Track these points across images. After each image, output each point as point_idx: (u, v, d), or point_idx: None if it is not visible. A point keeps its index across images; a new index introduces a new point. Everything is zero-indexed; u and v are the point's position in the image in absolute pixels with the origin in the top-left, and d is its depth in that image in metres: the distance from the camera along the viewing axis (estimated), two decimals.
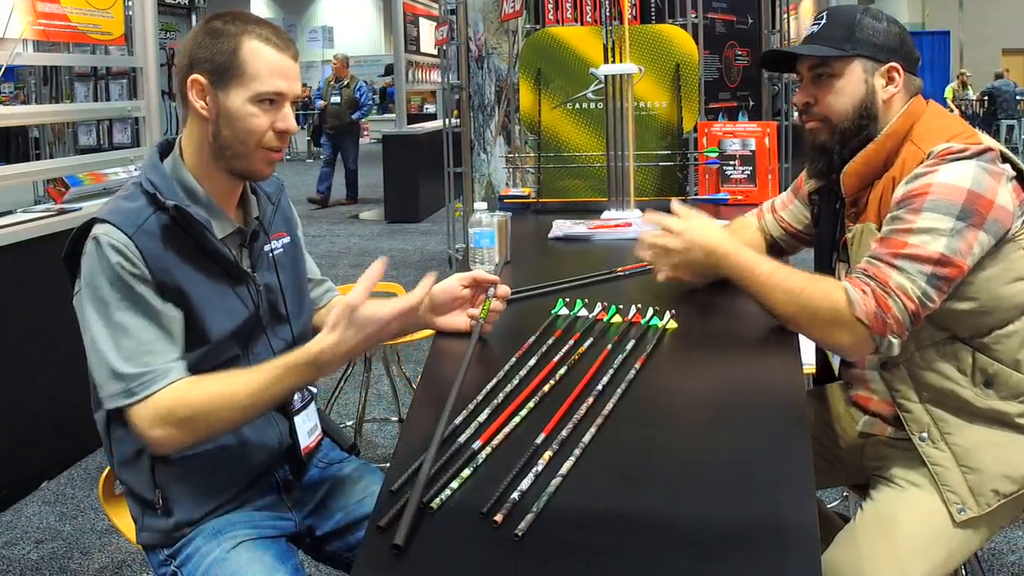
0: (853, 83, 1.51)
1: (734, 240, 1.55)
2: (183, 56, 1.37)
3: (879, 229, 1.46)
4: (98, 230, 1.31)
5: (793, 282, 1.45)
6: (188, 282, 1.34)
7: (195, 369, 1.36)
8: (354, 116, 9.79)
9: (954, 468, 1.45)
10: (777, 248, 1.83)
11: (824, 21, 1.55)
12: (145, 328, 1.30)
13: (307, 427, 1.53)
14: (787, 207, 1.80)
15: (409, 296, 1.27)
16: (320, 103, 9.92)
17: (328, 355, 1.25)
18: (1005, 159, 1.42)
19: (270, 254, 1.49)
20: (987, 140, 1.43)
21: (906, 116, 1.50)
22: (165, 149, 1.43)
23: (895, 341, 1.39)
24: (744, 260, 1.51)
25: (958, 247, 1.36)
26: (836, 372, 1.75)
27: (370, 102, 10.61)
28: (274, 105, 1.35)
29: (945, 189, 1.37)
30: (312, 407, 1.54)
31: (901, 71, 1.51)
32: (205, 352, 1.36)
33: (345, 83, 9.77)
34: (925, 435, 1.48)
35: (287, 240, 1.54)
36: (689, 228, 1.58)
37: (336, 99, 9.61)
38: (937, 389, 1.47)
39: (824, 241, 1.65)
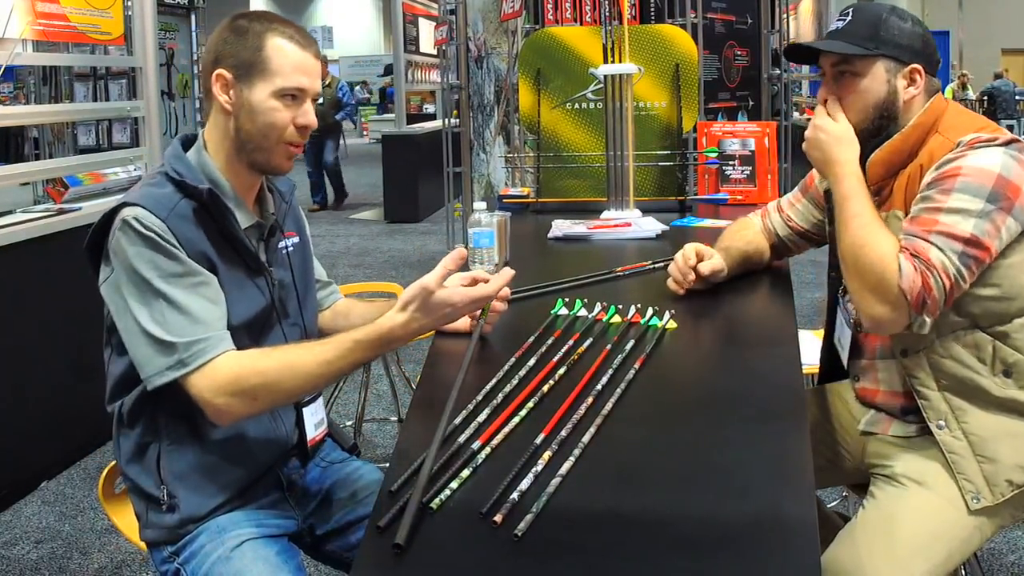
0: (875, 83, 1.51)
1: (857, 168, 1.51)
2: (209, 53, 1.41)
3: (906, 215, 1.47)
4: (129, 213, 1.32)
5: (863, 231, 1.44)
6: (216, 268, 1.37)
7: None
8: (337, 117, 9.48)
9: (970, 457, 1.46)
10: (783, 247, 1.83)
11: (850, 17, 1.54)
12: (190, 297, 1.31)
13: (314, 420, 1.54)
14: (795, 206, 1.80)
15: (485, 287, 1.31)
16: None
17: (398, 332, 1.29)
18: None
19: (284, 251, 1.51)
20: (1009, 134, 1.45)
21: (931, 110, 1.51)
22: (186, 143, 1.45)
23: (928, 320, 1.40)
24: (846, 188, 1.49)
25: (987, 229, 1.38)
26: (845, 364, 1.74)
27: (353, 101, 10.16)
28: (295, 101, 1.39)
29: (975, 172, 1.39)
30: (320, 401, 1.56)
31: (923, 73, 1.52)
32: None
33: (326, 83, 9.16)
34: (943, 423, 1.48)
35: (297, 240, 1.57)
36: (845, 127, 1.53)
37: (319, 100, 9.29)
38: (956, 377, 1.48)
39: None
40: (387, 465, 1.18)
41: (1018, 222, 1.40)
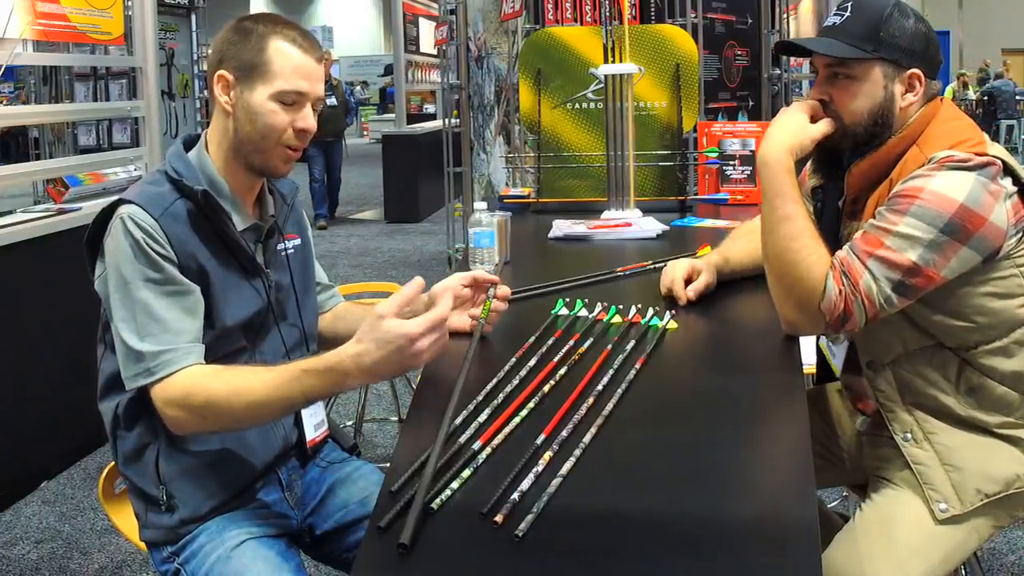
0: (871, 88, 1.43)
1: (789, 159, 1.45)
2: (213, 54, 1.42)
3: None
4: (124, 211, 1.34)
5: (795, 243, 1.40)
6: (209, 268, 1.37)
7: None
8: (348, 121, 8.75)
9: (937, 467, 1.44)
10: None
11: (848, 13, 1.44)
12: (166, 306, 1.31)
13: (314, 421, 1.54)
14: None
15: (434, 312, 1.18)
16: None
17: (348, 365, 1.20)
18: (1008, 171, 1.37)
19: (283, 253, 1.52)
20: (993, 150, 1.38)
21: (920, 120, 1.44)
22: (189, 143, 1.46)
23: (841, 336, 1.41)
24: (777, 182, 1.44)
25: (933, 258, 1.33)
26: (838, 373, 1.74)
27: (356, 105, 9.57)
28: (295, 104, 1.38)
29: (936, 198, 1.33)
30: (319, 402, 1.55)
31: (923, 78, 1.44)
32: (213, 339, 1.37)
33: (333, 84, 8.46)
34: (909, 435, 1.47)
35: (298, 242, 1.57)
36: (812, 130, 1.46)
37: (332, 101, 8.02)
38: (920, 393, 1.46)
39: (825, 237, 1.64)
40: (387, 465, 1.18)
41: (976, 252, 1.34)
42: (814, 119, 1.48)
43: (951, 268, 1.34)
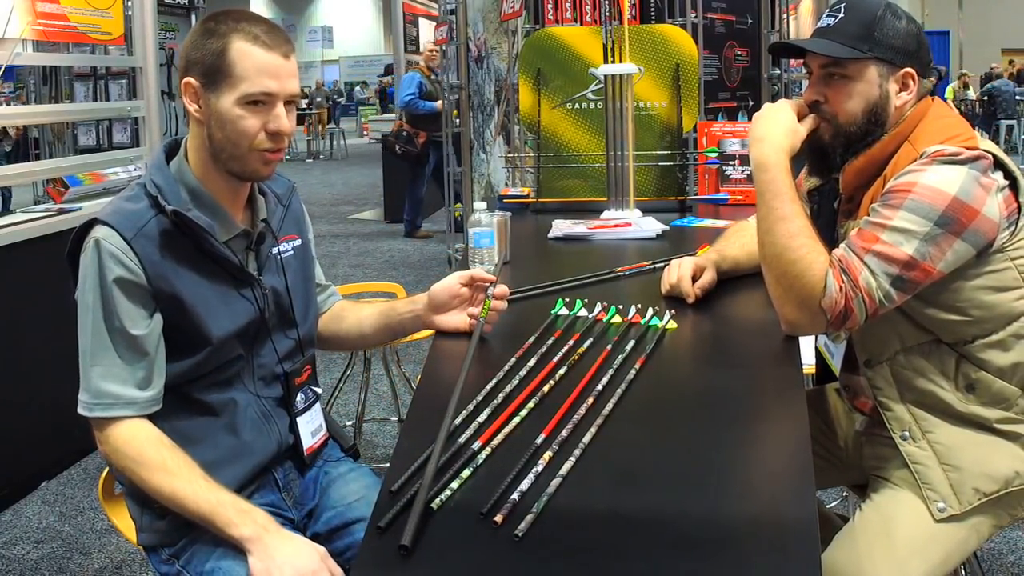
0: (866, 87, 1.45)
1: (786, 160, 1.48)
2: (181, 59, 1.37)
3: None
4: (98, 233, 1.31)
5: (794, 242, 1.41)
6: (188, 287, 1.34)
7: (198, 370, 1.36)
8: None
9: (935, 466, 1.44)
10: None
11: (842, 14, 1.46)
12: (119, 345, 1.33)
13: (311, 428, 1.53)
14: None
15: None
16: (438, 104, 7.07)
17: (247, 532, 1.29)
18: (999, 165, 1.38)
19: (278, 256, 1.49)
20: (984, 144, 1.39)
21: (912, 117, 1.46)
22: (171, 150, 1.43)
23: (843, 334, 1.42)
24: (775, 183, 1.46)
25: (929, 252, 1.33)
26: (837, 372, 1.74)
27: None
28: (264, 106, 1.33)
29: (929, 191, 1.34)
30: (317, 407, 1.55)
31: (916, 77, 1.45)
32: (207, 354, 1.37)
33: (436, 80, 7.43)
34: (907, 433, 1.47)
35: (297, 242, 1.54)
36: (762, 114, 1.52)
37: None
38: (919, 390, 1.46)
39: (823, 237, 1.64)
40: (387, 466, 1.18)
41: (970, 245, 1.35)
42: (797, 118, 1.51)
43: (946, 262, 1.35)
